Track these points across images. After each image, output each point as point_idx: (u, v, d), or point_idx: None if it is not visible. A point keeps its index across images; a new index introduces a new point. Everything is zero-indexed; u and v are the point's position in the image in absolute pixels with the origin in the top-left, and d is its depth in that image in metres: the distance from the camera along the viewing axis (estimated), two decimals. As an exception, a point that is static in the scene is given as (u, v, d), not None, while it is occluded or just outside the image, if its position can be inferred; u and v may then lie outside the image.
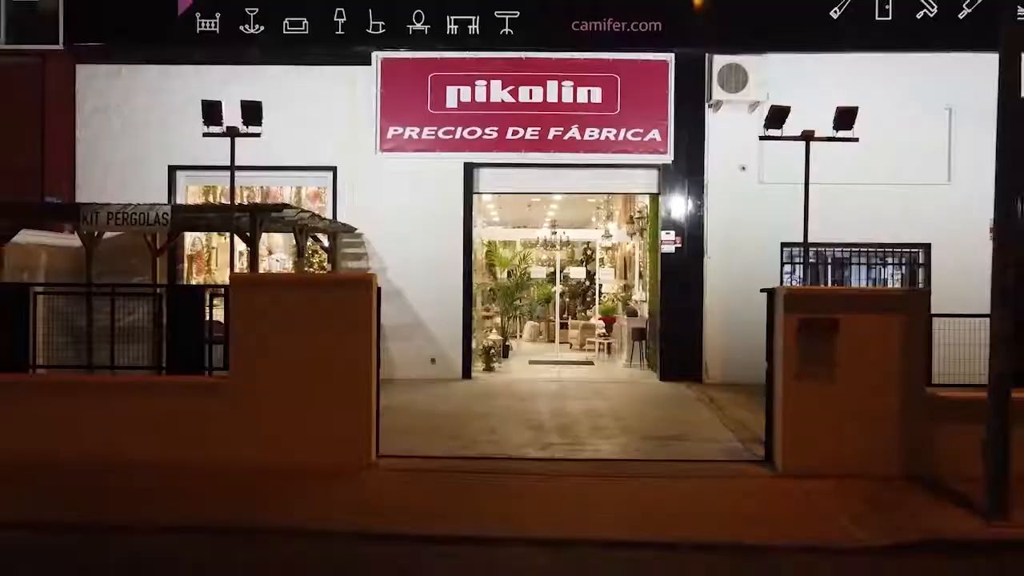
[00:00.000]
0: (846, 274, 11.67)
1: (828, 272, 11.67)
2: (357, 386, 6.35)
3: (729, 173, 10.96)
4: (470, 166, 11.09)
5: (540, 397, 9.78)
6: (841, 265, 11.65)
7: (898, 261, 11.79)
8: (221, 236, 12.00)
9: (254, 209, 7.08)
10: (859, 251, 11.29)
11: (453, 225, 11.09)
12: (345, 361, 6.31)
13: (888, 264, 11.83)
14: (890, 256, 11.62)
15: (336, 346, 6.29)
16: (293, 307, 6.30)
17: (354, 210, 11.02)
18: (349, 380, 6.33)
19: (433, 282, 11.05)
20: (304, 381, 6.28)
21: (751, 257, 10.92)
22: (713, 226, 10.99)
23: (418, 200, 11.07)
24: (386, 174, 11.07)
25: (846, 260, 11.42)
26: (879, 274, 12.11)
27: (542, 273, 14.71)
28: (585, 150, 10.97)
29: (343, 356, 6.30)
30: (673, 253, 11.02)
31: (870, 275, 11.65)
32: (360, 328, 6.32)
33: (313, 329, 6.29)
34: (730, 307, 10.92)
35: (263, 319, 6.28)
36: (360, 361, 6.34)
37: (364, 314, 6.31)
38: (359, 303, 6.31)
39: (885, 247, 11.28)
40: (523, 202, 17.23)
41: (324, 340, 6.28)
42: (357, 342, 6.32)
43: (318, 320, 6.29)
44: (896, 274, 12.12)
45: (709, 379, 10.95)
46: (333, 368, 6.29)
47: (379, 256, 11.11)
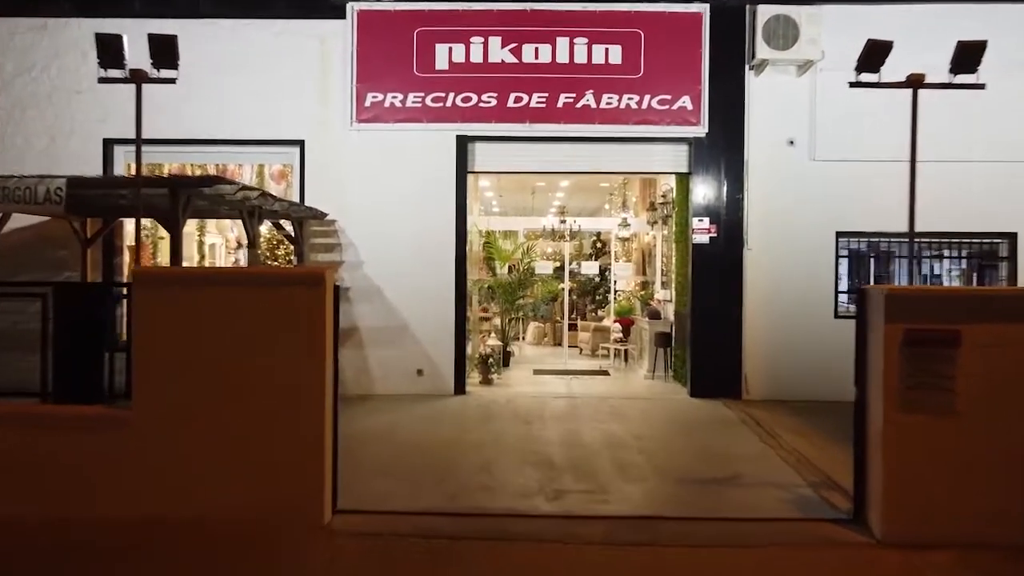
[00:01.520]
0: (891, 268, 10.16)
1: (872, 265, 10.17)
2: (305, 419, 4.84)
3: (774, 148, 9.43)
4: (464, 140, 9.56)
5: (547, 419, 8.27)
6: (888, 259, 10.14)
7: (968, 253, 10.27)
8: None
9: (175, 184, 5.55)
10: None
11: (444, 211, 9.58)
12: (289, 385, 4.80)
13: (952, 257, 10.30)
14: (954, 248, 10.09)
15: (277, 365, 4.78)
16: (219, 313, 4.80)
17: (325, 192, 9.50)
18: (294, 411, 4.82)
19: (420, 278, 9.55)
20: (233, 413, 4.78)
21: (800, 249, 9.43)
22: (754, 212, 9.46)
23: (402, 181, 9.56)
24: (363, 150, 9.55)
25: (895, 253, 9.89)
26: (932, 269, 10.61)
27: (548, 268, 13.19)
28: (601, 121, 9.44)
29: (286, 378, 4.79)
30: (707, 244, 9.49)
31: (919, 270, 10.11)
32: (310, 340, 4.80)
33: (246, 342, 4.78)
34: (775, 309, 9.41)
35: (178, 330, 4.77)
36: (309, 384, 4.83)
37: (315, 321, 4.79)
38: (308, 307, 4.79)
39: (951, 237, 9.72)
40: (525, 186, 15.71)
41: (260, 357, 4.78)
42: (305, 359, 4.81)
43: (253, 330, 4.78)
44: (956, 269, 10.62)
45: (750, 395, 9.43)
46: (273, 394, 4.79)
47: (355, 247, 9.60)
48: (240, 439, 4.76)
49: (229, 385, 4.77)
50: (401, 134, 9.53)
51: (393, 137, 9.53)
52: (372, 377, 9.56)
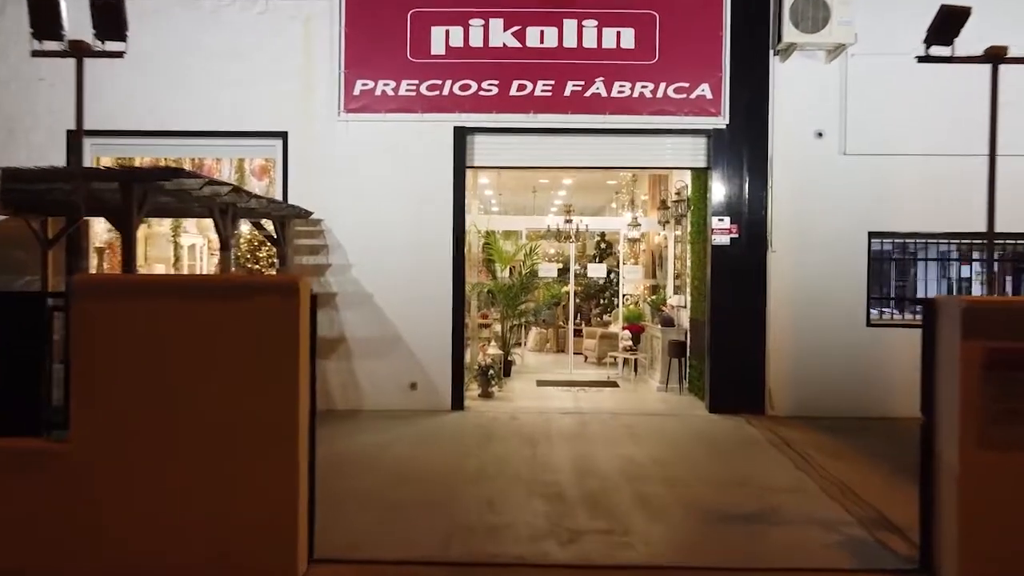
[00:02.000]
0: (912, 273, 9.45)
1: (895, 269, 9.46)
2: (276, 454, 4.12)
3: (801, 141, 8.73)
4: (462, 131, 8.85)
5: (555, 440, 7.55)
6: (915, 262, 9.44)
7: (1000, 255, 9.55)
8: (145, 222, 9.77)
9: (127, 177, 4.82)
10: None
11: (440, 209, 8.86)
12: (257, 414, 4.08)
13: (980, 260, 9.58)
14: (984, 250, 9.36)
15: (243, 390, 4.06)
16: (174, 329, 4.07)
17: (310, 189, 8.78)
18: (263, 444, 4.10)
19: (414, 282, 8.84)
20: (190, 448, 4.05)
21: (829, 251, 8.74)
22: (779, 210, 8.76)
23: (394, 176, 8.85)
24: (352, 142, 8.84)
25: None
26: (959, 272, 9.90)
27: (552, 271, 12.47)
28: (612, 111, 8.73)
29: (254, 405, 4.07)
30: (728, 245, 8.79)
31: (945, 273, 9.40)
32: (281, 360, 4.08)
33: (206, 364, 4.06)
34: (801, 316, 8.72)
35: (125, 349, 4.05)
36: (280, 413, 4.10)
37: (288, 338, 4.07)
38: (280, 321, 4.07)
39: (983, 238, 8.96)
40: (526, 184, 15.02)
41: (223, 381, 4.06)
42: (276, 383, 4.09)
43: (214, 349, 4.06)
44: (984, 273, 9.90)
45: (774, 411, 8.73)
46: (238, 425, 4.07)
47: (343, 248, 8.88)
48: (199, 479, 4.04)
49: (186, 415, 4.05)
50: (393, 125, 8.82)
51: (384, 128, 8.82)
52: (361, 391, 8.84)
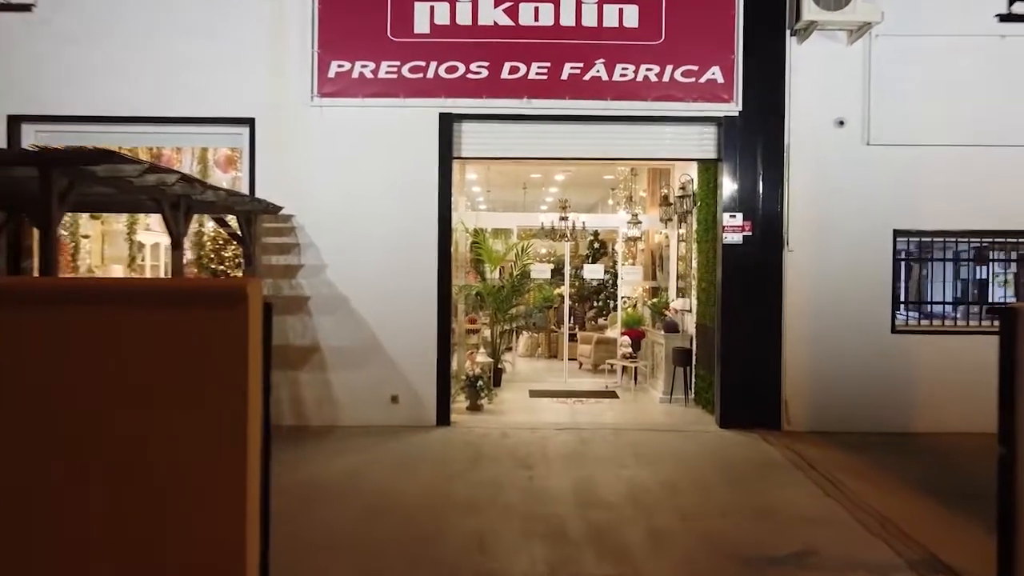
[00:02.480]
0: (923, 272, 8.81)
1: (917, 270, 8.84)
2: (215, 492, 3.34)
3: (821, 130, 8.08)
4: (448, 118, 8.13)
5: (553, 461, 6.85)
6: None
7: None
8: (97, 218, 8.99)
9: (47, 161, 4.05)
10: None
11: (424, 205, 8.14)
12: (190, 444, 3.31)
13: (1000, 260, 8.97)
14: (999, 249, 8.75)
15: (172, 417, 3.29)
16: (94, 346, 3.30)
17: (280, 181, 8.04)
18: (198, 482, 3.33)
19: (395, 285, 8.11)
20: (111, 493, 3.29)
21: (851, 250, 8.10)
22: (796, 206, 8.10)
23: (373, 168, 8.12)
24: (326, 130, 8.10)
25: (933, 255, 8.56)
26: (973, 273, 9.29)
27: (546, 272, 11.78)
28: (614, 96, 8.05)
29: (187, 434, 3.29)
30: (740, 244, 8.12)
31: (958, 274, 8.78)
32: (222, 381, 3.31)
33: (130, 388, 3.28)
34: (821, 321, 8.07)
35: (28, 368, 3.28)
36: (221, 443, 3.33)
37: (230, 355, 3.30)
38: (221, 335, 3.29)
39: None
40: (516, 180, 14.34)
41: (153, 408, 3.29)
42: (216, 408, 3.32)
43: (142, 370, 3.29)
44: (1004, 274, 9.30)
45: (791, 425, 8.07)
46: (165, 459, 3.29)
47: (316, 247, 8.13)
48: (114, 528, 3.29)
49: (98, 448, 3.29)
50: (372, 111, 8.08)
51: (362, 115, 8.09)
52: (336, 405, 8.10)
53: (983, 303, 8.56)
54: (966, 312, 8.42)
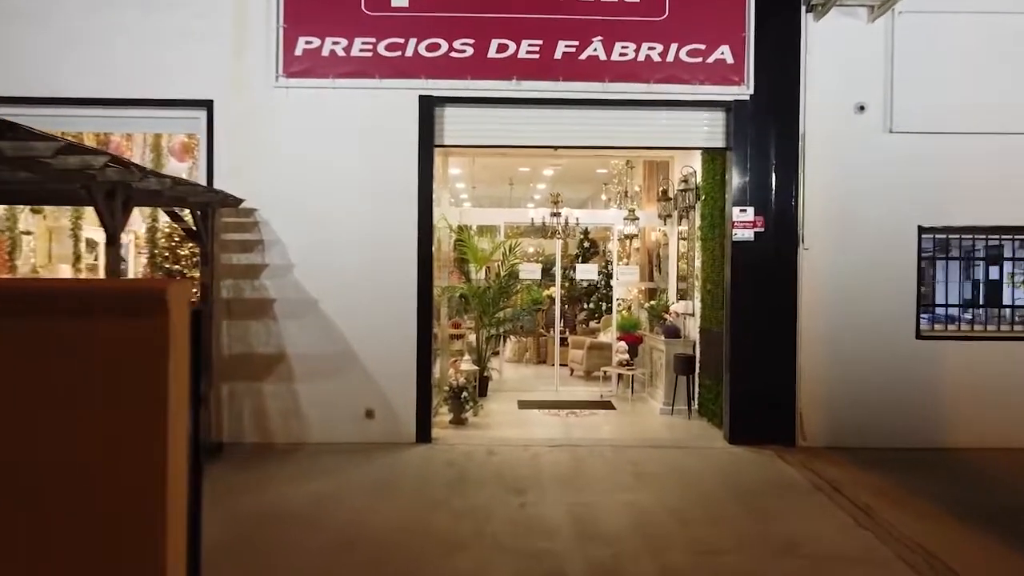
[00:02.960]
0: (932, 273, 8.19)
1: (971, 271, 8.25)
2: (124, 539, 2.64)
3: (839, 116, 7.47)
4: (429, 102, 7.44)
5: (546, 483, 6.17)
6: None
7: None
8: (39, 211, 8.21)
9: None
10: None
11: (403, 198, 7.45)
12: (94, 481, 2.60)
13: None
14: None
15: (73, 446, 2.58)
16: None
17: (241, 172, 7.33)
18: (106, 527, 2.62)
19: (371, 286, 7.41)
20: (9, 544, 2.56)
21: (872, 248, 7.49)
22: (813, 200, 7.47)
23: (346, 156, 7.42)
24: (293, 115, 7.39)
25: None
26: (987, 273, 8.70)
27: (534, 272, 11.09)
28: (613, 78, 7.39)
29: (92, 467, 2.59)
30: (751, 241, 7.47)
31: (970, 275, 8.19)
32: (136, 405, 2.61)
33: (20, 416, 2.58)
34: (839, 326, 7.45)
35: None
36: (134, 477, 2.63)
37: (146, 372, 2.60)
38: (134, 349, 2.60)
39: None
40: (502, 175, 13.64)
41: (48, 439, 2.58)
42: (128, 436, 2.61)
43: (35, 393, 2.57)
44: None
45: (806, 440, 7.44)
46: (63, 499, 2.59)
47: (282, 245, 7.41)
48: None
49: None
50: (345, 94, 7.38)
51: (334, 98, 7.38)
52: (305, 421, 7.38)
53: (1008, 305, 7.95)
54: (990, 314, 7.80)
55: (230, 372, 7.34)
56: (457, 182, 15.29)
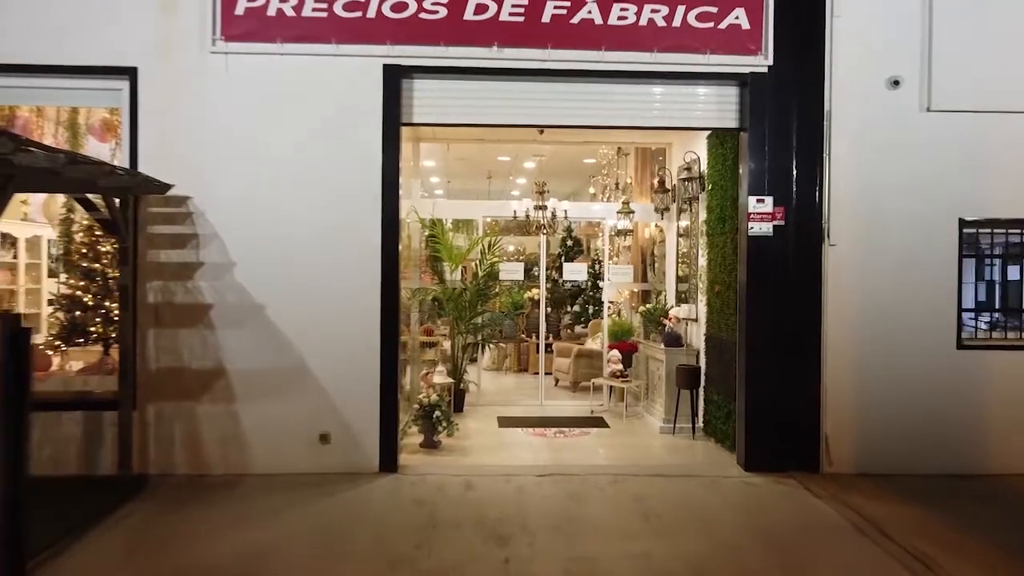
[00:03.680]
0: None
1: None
2: None
3: (871, 92, 6.55)
4: (396, 72, 6.41)
5: (535, 528, 5.16)
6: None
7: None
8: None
9: None
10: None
11: (364, 186, 6.42)
12: None
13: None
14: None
15: None
16: None
17: (172, 152, 6.26)
18: None
19: (326, 290, 6.38)
20: None
21: (907, 244, 6.58)
22: (840, 189, 6.55)
23: (297, 137, 6.38)
24: (234, 85, 6.33)
25: None
26: (1003, 272, 7.86)
27: (516, 272, 10.08)
28: (610, 46, 6.43)
29: None
30: (770, 237, 6.53)
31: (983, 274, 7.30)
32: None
33: None
34: (870, 333, 6.56)
35: None
36: None
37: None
38: None
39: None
40: (479, 167, 12.65)
41: None
42: None
43: None
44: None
45: (833, 466, 6.53)
46: None
47: (221, 240, 6.34)
48: None
49: None
50: (295, 61, 6.33)
51: (282, 66, 6.33)
52: (247, 448, 6.31)
53: None
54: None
55: (157, 390, 6.25)
56: (431, 175, 14.29)
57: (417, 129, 9.05)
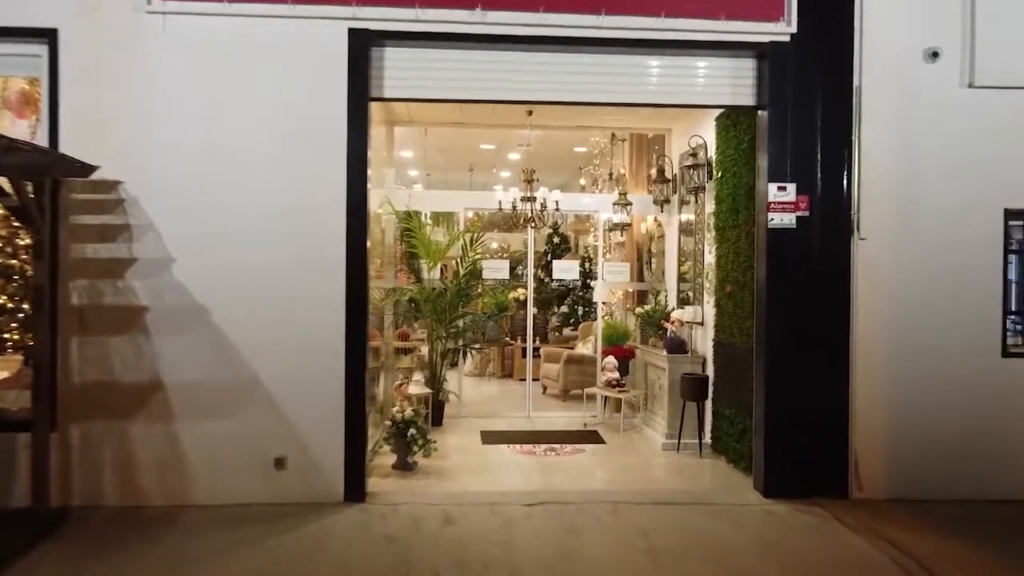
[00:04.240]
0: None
1: None
2: None
3: (905, 66, 5.84)
4: (363, 39, 5.60)
5: (526, 573, 4.36)
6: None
7: None
8: None
9: None
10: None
11: (326, 170, 5.61)
12: None
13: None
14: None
15: None
16: None
17: (99, 129, 5.42)
18: None
19: (282, 290, 5.57)
20: None
21: (946, 238, 5.87)
22: (871, 176, 5.83)
23: (247, 112, 5.56)
24: (173, 52, 5.51)
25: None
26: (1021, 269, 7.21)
27: (501, 270, 9.27)
28: (610, 9, 5.67)
29: None
30: (792, 229, 5.79)
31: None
32: None
33: None
34: (904, 339, 5.87)
35: None
36: None
37: None
38: None
39: None
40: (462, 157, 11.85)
41: None
42: None
43: None
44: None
45: (863, 491, 5.81)
46: None
47: (157, 233, 5.50)
48: None
49: None
50: (245, 23, 5.51)
51: (230, 29, 5.51)
52: (188, 474, 5.48)
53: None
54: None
55: (82, 408, 5.41)
56: (408, 168, 13.48)
57: (391, 111, 8.28)
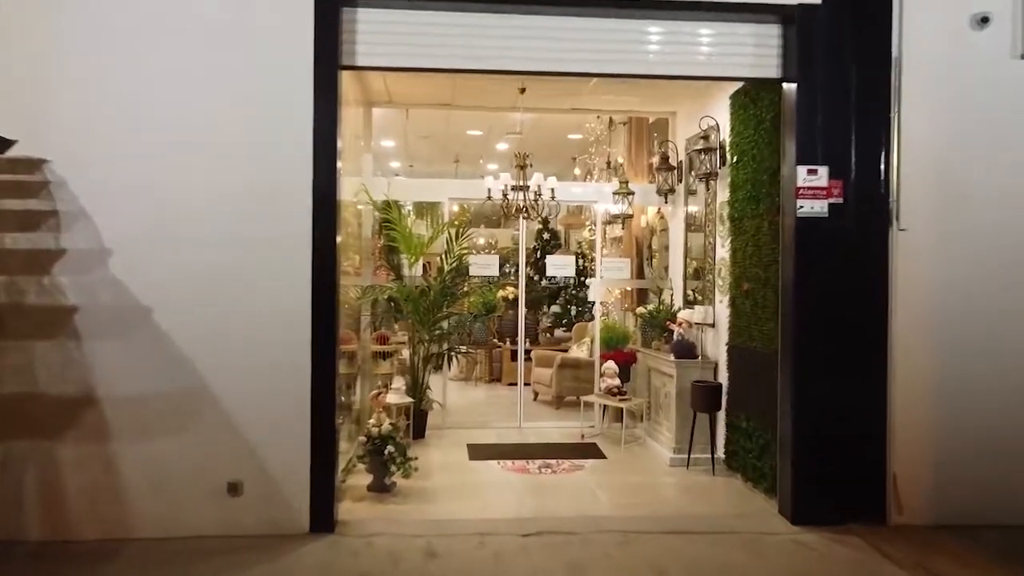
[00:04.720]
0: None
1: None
2: None
3: (951, 33, 5.19)
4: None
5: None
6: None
7: None
8: None
9: None
10: None
11: (289, 149, 4.89)
12: None
13: None
14: None
15: None
16: None
17: (16, 97, 4.65)
18: None
19: (236, 288, 4.85)
20: None
21: (996, 228, 5.20)
22: (912, 158, 5.17)
23: (196, 81, 4.82)
24: (106, 7, 4.74)
25: None
26: None
27: (490, 267, 8.56)
28: (616, -35, 4.96)
29: None
30: (824, 218, 5.12)
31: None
32: None
33: None
34: (950, 343, 5.22)
35: None
36: None
37: None
38: None
39: None
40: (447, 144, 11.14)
41: None
42: None
43: None
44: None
45: (903, 516, 5.16)
46: None
47: (90, 220, 4.76)
48: None
49: None
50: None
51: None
52: (127, 502, 4.75)
53: None
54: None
55: (0, 426, 4.65)
56: (389, 160, 12.77)
57: (368, 90, 7.56)
